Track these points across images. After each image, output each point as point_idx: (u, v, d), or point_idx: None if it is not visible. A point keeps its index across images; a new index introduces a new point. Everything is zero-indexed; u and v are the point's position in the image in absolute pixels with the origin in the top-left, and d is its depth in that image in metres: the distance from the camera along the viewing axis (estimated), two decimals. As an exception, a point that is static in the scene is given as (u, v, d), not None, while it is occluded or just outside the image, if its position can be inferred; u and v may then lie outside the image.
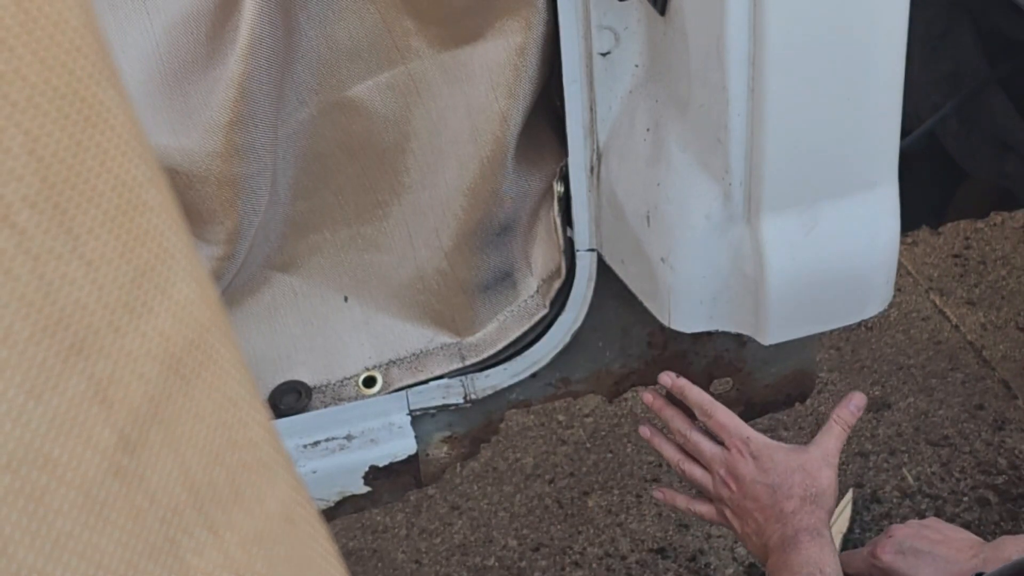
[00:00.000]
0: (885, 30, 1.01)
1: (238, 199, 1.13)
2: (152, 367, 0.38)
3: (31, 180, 0.34)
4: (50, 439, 0.35)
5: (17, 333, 0.34)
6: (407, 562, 2.02)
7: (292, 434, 1.24)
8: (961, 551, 1.23)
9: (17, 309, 0.34)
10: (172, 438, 0.38)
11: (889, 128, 1.07)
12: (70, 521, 0.35)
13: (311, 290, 1.28)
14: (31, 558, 0.34)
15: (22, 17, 0.34)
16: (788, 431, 2.17)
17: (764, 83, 0.99)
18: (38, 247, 0.34)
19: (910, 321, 2.40)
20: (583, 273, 1.24)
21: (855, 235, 1.11)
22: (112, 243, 0.36)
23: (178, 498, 0.38)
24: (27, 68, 0.34)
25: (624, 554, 2.00)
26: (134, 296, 0.37)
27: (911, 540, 1.25)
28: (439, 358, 1.29)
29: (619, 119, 1.15)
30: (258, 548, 0.41)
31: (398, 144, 1.21)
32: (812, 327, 1.17)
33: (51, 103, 0.35)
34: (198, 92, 1.12)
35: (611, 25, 1.10)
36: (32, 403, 0.34)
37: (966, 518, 2.00)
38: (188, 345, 0.39)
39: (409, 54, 1.16)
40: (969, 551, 1.23)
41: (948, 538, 1.25)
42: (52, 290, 0.35)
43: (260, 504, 0.41)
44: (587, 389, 1.37)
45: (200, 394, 0.39)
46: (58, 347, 0.35)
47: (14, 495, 0.34)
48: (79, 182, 0.36)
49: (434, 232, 1.24)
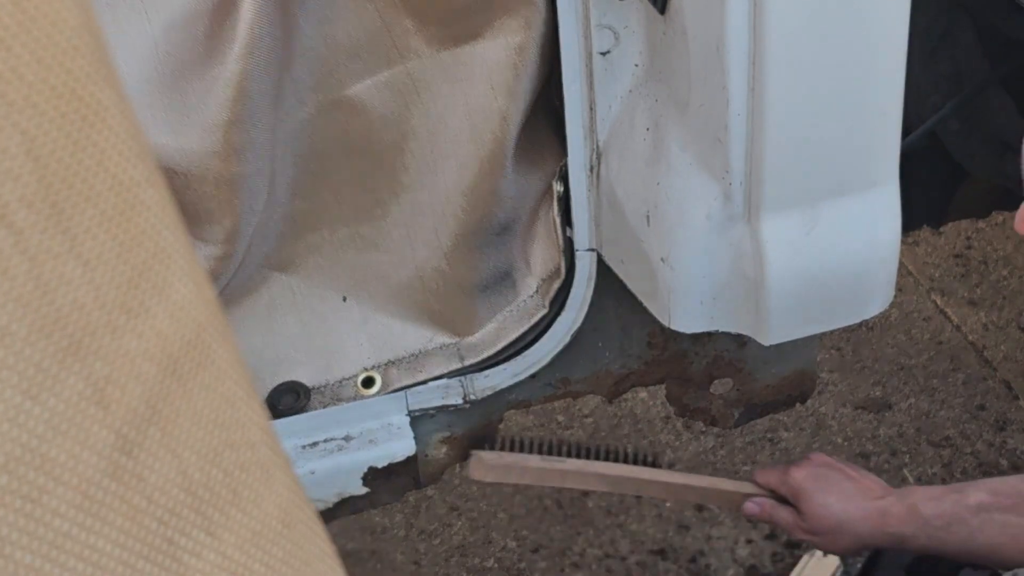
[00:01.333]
0: (885, 30, 1.01)
1: (236, 199, 1.13)
2: (149, 367, 0.37)
3: (28, 180, 0.34)
4: (47, 439, 0.34)
5: (14, 333, 0.33)
6: (406, 563, 2.02)
7: (290, 435, 1.23)
8: (871, 490, 1.26)
9: (14, 309, 0.33)
10: (170, 439, 0.38)
11: (889, 128, 1.07)
12: (68, 521, 0.35)
13: (309, 290, 1.28)
14: (29, 558, 0.34)
15: (20, 16, 0.34)
16: (788, 431, 2.17)
17: (764, 83, 0.99)
18: (35, 247, 0.34)
19: (911, 321, 2.40)
20: (583, 273, 1.24)
21: (856, 235, 1.11)
22: (109, 243, 0.36)
23: (176, 499, 0.38)
24: (25, 67, 0.34)
25: (624, 555, 2.00)
26: (131, 296, 0.37)
27: (826, 468, 1.29)
28: (438, 358, 1.29)
29: (619, 119, 1.15)
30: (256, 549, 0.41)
31: (397, 143, 1.21)
32: (813, 327, 1.17)
33: (49, 102, 0.35)
34: (196, 91, 1.12)
35: (611, 24, 1.10)
36: (29, 403, 0.34)
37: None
38: (186, 345, 0.39)
39: (408, 53, 1.16)
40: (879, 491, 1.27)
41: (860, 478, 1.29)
42: (49, 290, 0.34)
43: (258, 505, 0.41)
44: (587, 389, 1.37)
45: (198, 395, 0.39)
46: (55, 347, 0.35)
47: (11, 495, 0.34)
48: (76, 182, 0.35)
49: (433, 232, 1.24)
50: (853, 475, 1.29)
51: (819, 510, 1.26)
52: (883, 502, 1.25)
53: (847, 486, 1.27)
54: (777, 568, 1.94)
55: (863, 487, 1.27)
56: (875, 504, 1.24)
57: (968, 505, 1.20)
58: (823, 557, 1.84)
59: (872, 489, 1.27)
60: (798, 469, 1.29)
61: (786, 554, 1.96)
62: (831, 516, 1.26)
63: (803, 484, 1.28)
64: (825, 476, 1.28)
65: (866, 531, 1.25)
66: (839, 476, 1.28)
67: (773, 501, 1.32)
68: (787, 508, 1.30)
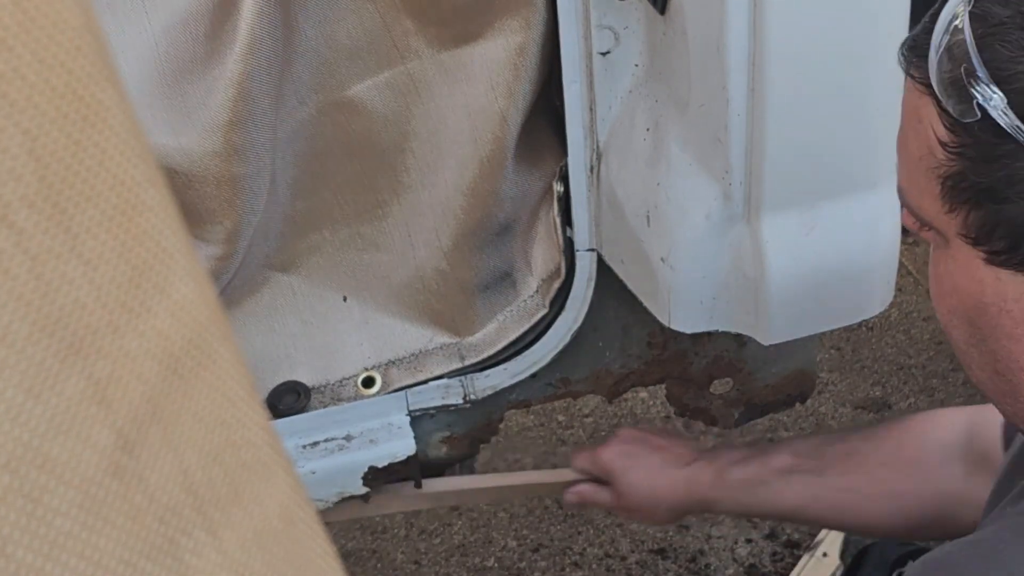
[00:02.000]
0: (885, 30, 1.01)
1: (237, 199, 1.13)
2: (151, 367, 0.38)
3: (30, 179, 0.34)
4: (49, 439, 0.35)
5: (15, 333, 0.34)
6: (406, 563, 2.02)
7: (291, 434, 1.23)
8: (680, 457, 1.28)
9: (15, 309, 0.34)
10: (171, 438, 0.38)
11: (889, 128, 1.07)
12: (69, 521, 0.35)
13: (310, 290, 1.28)
14: (30, 557, 0.34)
15: (21, 17, 0.34)
16: (788, 431, 2.17)
17: (764, 83, 0.99)
18: (36, 246, 0.34)
19: (911, 321, 2.40)
20: (583, 273, 1.24)
21: (855, 235, 1.11)
22: (111, 243, 0.36)
23: (177, 498, 0.38)
24: (26, 67, 0.34)
25: (624, 555, 2.00)
26: (132, 296, 0.37)
27: (632, 444, 1.31)
28: (438, 358, 1.29)
29: (619, 119, 1.15)
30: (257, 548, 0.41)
31: (397, 144, 1.21)
32: (812, 327, 1.17)
33: (50, 102, 0.35)
34: (197, 92, 1.12)
35: (611, 25, 1.10)
36: (31, 403, 0.34)
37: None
38: (187, 345, 0.39)
39: (408, 54, 1.16)
40: (688, 457, 1.28)
41: (668, 446, 1.30)
42: (51, 290, 0.34)
43: (259, 504, 0.41)
44: (587, 389, 1.37)
45: (199, 394, 0.39)
46: (57, 347, 0.35)
47: (13, 494, 0.34)
48: (78, 181, 0.35)
49: (433, 232, 1.24)
50: (662, 444, 1.30)
51: (628, 488, 1.28)
52: (689, 469, 1.26)
53: (654, 459, 1.28)
54: (777, 568, 1.94)
55: (672, 456, 1.28)
56: (681, 473, 1.26)
57: (772, 468, 1.22)
58: (823, 557, 1.84)
59: (681, 456, 1.28)
60: (605, 449, 1.31)
61: (786, 554, 1.96)
62: (640, 491, 1.28)
63: (612, 463, 1.30)
64: (632, 452, 1.30)
65: (676, 501, 1.27)
66: (646, 450, 1.29)
67: (591, 485, 1.34)
68: (605, 489, 1.32)
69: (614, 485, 1.30)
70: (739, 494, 1.23)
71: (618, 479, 1.29)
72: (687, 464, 1.27)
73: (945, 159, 0.74)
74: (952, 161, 0.73)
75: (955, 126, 0.72)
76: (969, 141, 0.72)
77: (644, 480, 1.27)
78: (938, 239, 0.79)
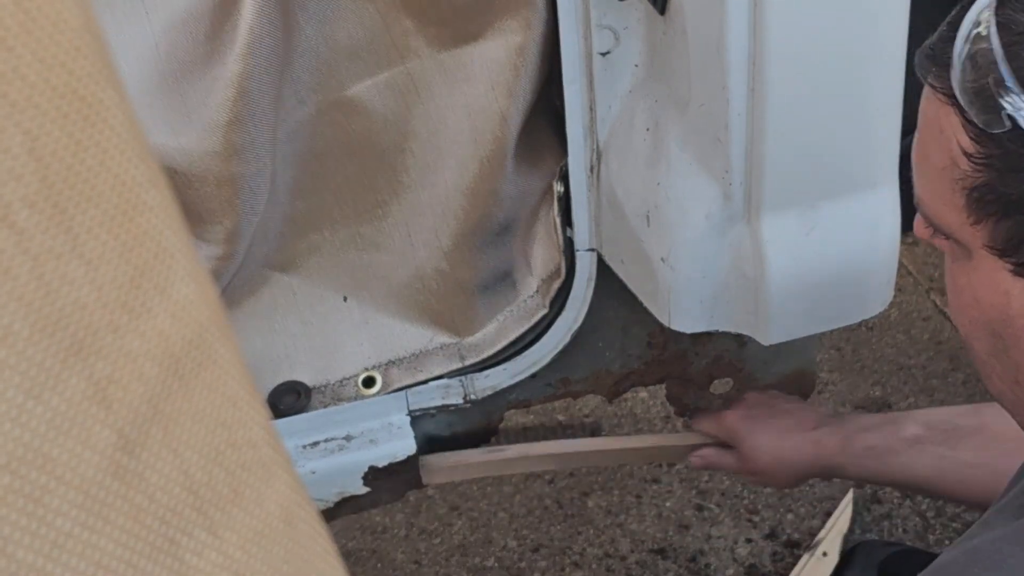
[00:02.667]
0: (885, 30, 1.01)
1: (237, 199, 1.13)
2: (151, 367, 0.38)
3: (30, 180, 0.34)
4: (49, 439, 0.35)
5: (16, 333, 0.34)
6: (406, 563, 2.02)
7: (291, 434, 1.23)
8: (806, 421, 1.27)
9: (16, 309, 0.34)
10: (171, 438, 0.38)
11: (889, 128, 1.07)
12: (70, 521, 0.35)
13: (310, 290, 1.28)
14: (31, 558, 0.34)
15: (21, 17, 0.34)
16: (788, 431, 2.17)
17: (764, 83, 0.99)
18: (37, 247, 0.34)
19: (911, 321, 2.40)
20: (583, 273, 1.24)
21: (855, 235, 1.11)
22: (111, 243, 0.36)
23: (177, 498, 0.38)
24: (27, 67, 0.34)
25: (624, 554, 2.00)
26: (133, 296, 0.37)
27: (757, 407, 1.30)
28: (438, 358, 1.29)
29: (619, 119, 1.15)
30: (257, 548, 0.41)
31: (397, 144, 1.21)
32: (812, 327, 1.17)
33: (50, 102, 0.35)
34: (197, 92, 1.12)
35: (611, 25, 1.10)
36: (31, 403, 0.34)
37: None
38: (187, 345, 0.39)
39: (408, 54, 1.16)
40: (813, 421, 1.27)
41: (794, 410, 1.29)
42: (51, 290, 0.34)
43: (259, 504, 0.41)
44: (587, 389, 1.37)
45: (199, 394, 0.39)
46: (57, 347, 0.35)
47: (14, 495, 0.34)
48: (78, 182, 0.35)
49: (433, 232, 1.24)
50: (787, 408, 1.29)
51: (753, 451, 1.27)
52: (816, 433, 1.25)
53: (780, 422, 1.27)
54: (777, 568, 1.94)
55: (797, 420, 1.27)
56: (808, 436, 1.25)
57: (902, 437, 1.21)
58: (823, 557, 1.84)
59: (807, 420, 1.27)
60: (731, 412, 1.30)
61: (786, 553, 1.96)
62: (766, 454, 1.26)
63: (736, 426, 1.29)
64: (757, 415, 1.29)
65: (801, 464, 1.26)
66: (771, 413, 1.29)
67: (715, 449, 1.33)
68: (730, 452, 1.31)
69: (739, 448, 1.29)
70: (867, 461, 1.21)
71: (743, 442, 1.28)
72: (813, 428, 1.25)
73: (971, 170, 0.72)
74: (978, 172, 0.72)
75: (981, 136, 0.71)
76: (996, 152, 0.70)
77: (770, 443, 1.26)
78: (957, 250, 0.77)
